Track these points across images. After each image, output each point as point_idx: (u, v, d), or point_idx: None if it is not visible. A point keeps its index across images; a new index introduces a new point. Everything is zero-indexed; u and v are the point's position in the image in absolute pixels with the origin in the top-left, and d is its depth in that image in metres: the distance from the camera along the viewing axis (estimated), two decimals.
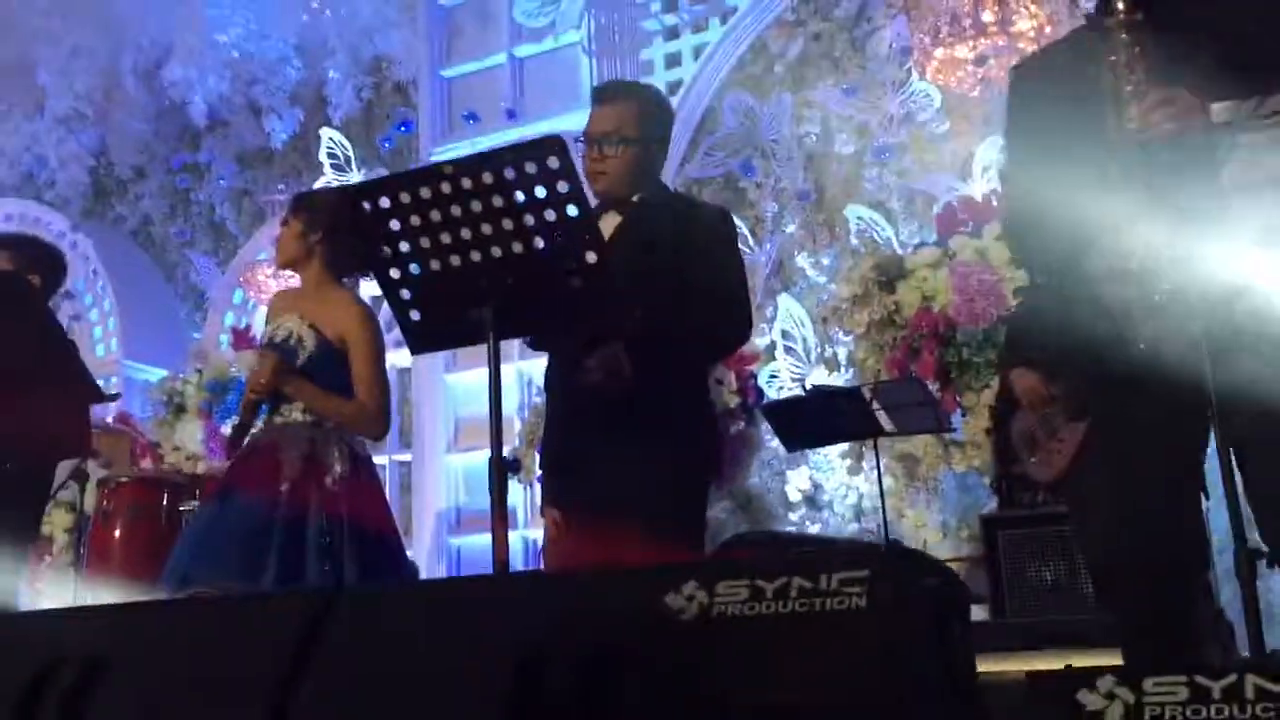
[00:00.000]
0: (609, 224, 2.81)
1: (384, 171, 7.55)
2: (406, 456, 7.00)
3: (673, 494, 2.76)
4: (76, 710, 1.47)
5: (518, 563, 6.06)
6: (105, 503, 4.81)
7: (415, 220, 2.32)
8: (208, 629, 1.53)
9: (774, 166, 6.46)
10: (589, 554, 2.94)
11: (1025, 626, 3.32)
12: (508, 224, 2.27)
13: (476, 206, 2.27)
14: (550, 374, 2.97)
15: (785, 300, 6.22)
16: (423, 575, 6.17)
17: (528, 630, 1.35)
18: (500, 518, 2.29)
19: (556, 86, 6.56)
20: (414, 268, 2.37)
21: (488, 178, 2.25)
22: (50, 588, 6.72)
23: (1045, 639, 3.26)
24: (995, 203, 5.26)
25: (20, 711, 1.40)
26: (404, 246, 2.35)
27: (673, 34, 6.72)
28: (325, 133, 7.65)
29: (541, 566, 5.12)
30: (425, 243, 2.33)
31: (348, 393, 3.21)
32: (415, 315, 2.43)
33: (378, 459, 7.14)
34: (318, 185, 7.63)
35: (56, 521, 6.40)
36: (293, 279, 3.49)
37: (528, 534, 6.00)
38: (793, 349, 6.15)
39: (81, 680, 1.49)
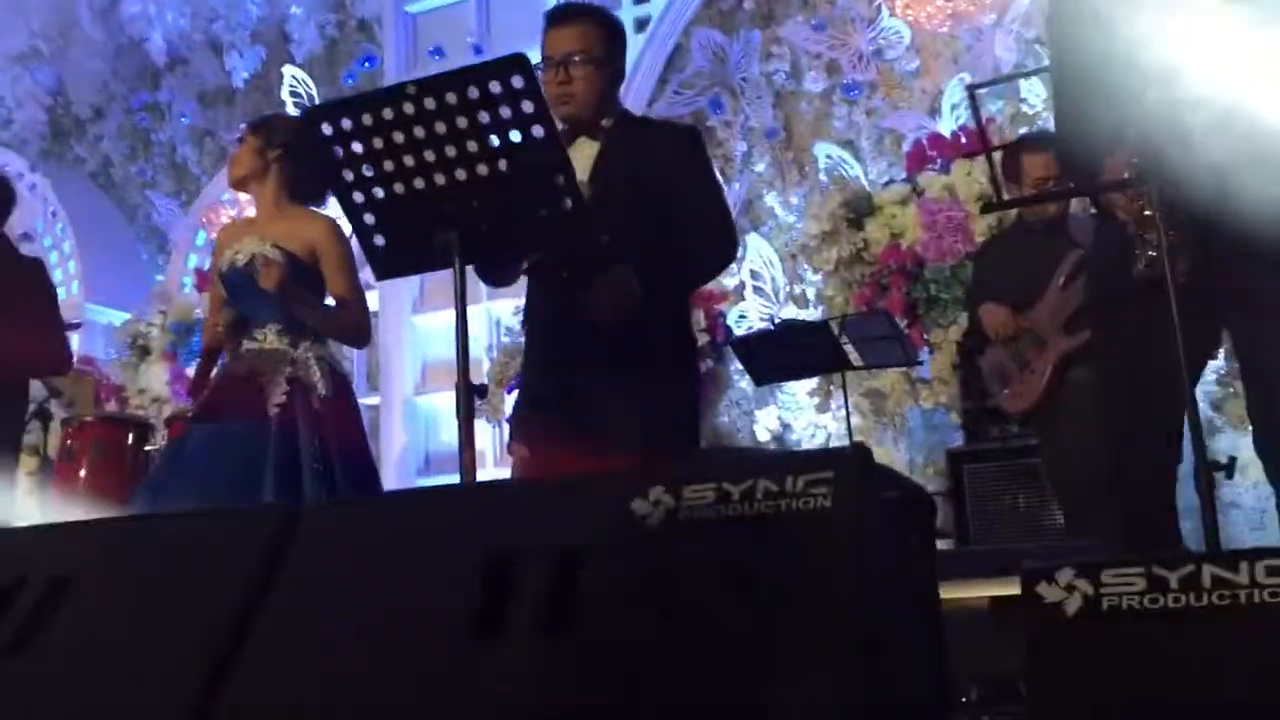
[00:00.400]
0: (584, 152, 2.74)
1: None
2: (375, 400, 6.96)
3: (670, 428, 2.68)
4: (37, 626, 1.46)
5: None
6: (69, 442, 4.75)
7: (378, 143, 2.28)
8: (173, 544, 1.51)
9: (743, 104, 6.42)
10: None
11: (988, 553, 3.35)
12: (472, 146, 2.23)
13: (441, 128, 2.23)
14: (531, 306, 2.90)
15: (754, 240, 6.20)
16: None
17: (494, 537, 1.34)
18: (468, 440, 2.28)
19: (524, 22, 6.43)
20: (378, 192, 2.33)
21: (451, 98, 2.21)
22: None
23: (1009, 567, 3.29)
24: (964, 140, 5.26)
25: None
26: (367, 170, 2.32)
27: None
28: (288, 70, 7.52)
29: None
30: (389, 166, 2.29)
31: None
32: (379, 240, 2.40)
33: None
34: None
35: (22, 463, 6.34)
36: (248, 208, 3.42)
37: (496, 474, 5.99)
38: (761, 289, 6.15)
39: (45, 597, 1.47)
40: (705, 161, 2.86)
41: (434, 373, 6.67)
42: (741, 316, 6.09)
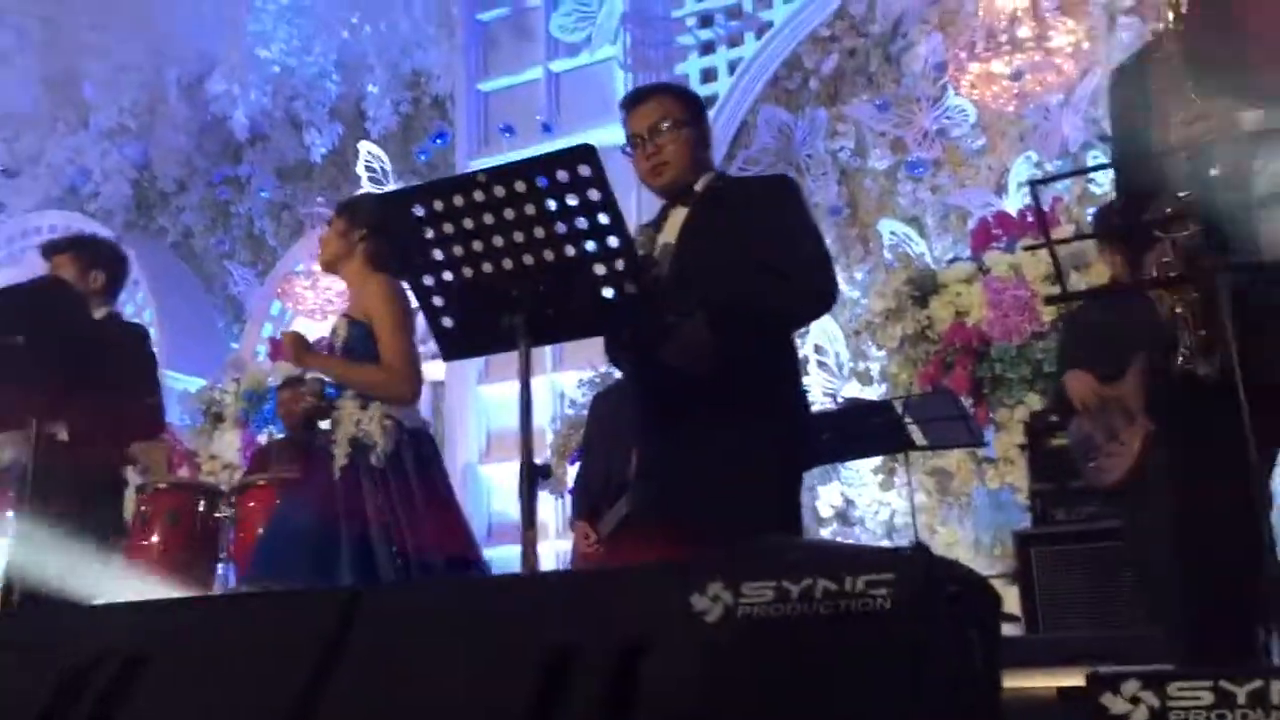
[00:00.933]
0: (678, 219, 2.77)
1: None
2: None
3: (766, 484, 2.58)
4: (110, 706, 1.50)
5: (549, 564, 6.07)
6: (143, 508, 4.87)
7: (448, 228, 2.35)
8: (242, 626, 1.55)
9: (808, 181, 6.46)
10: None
11: (1057, 641, 3.28)
12: (539, 232, 2.29)
13: (509, 214, 2.29)
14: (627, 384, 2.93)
15: None
16: None
17: (555, 628, 1.36)
18: (529, 521, 2.31)
19: (592, 100, 6.60)
20: (447, 275, 2.39)
21: (520, 185, 2.27)
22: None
23: (1078, 654, 3.22)
24: (1029, 218, 5.24)
25: (59, 702, 1.43)
26: (437, 254, 2.38)
27: (708, 49, 6.75)
28: (363, 146, 7.74)
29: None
30: (458, 250, 2.35)
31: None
32: (448, 322, 2.45)
33: None
34: None
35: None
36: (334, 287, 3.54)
37: (558, 545, 6.01)
38: (825, 364, 6.14)
39: (120, 676, 1.51)
40: (797, 206, 2.77)
41: (498, 442, 6.73)
42: (805, 390, 6.07)
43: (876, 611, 1.21)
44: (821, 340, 6.15)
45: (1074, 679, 3.14)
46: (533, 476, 2.30)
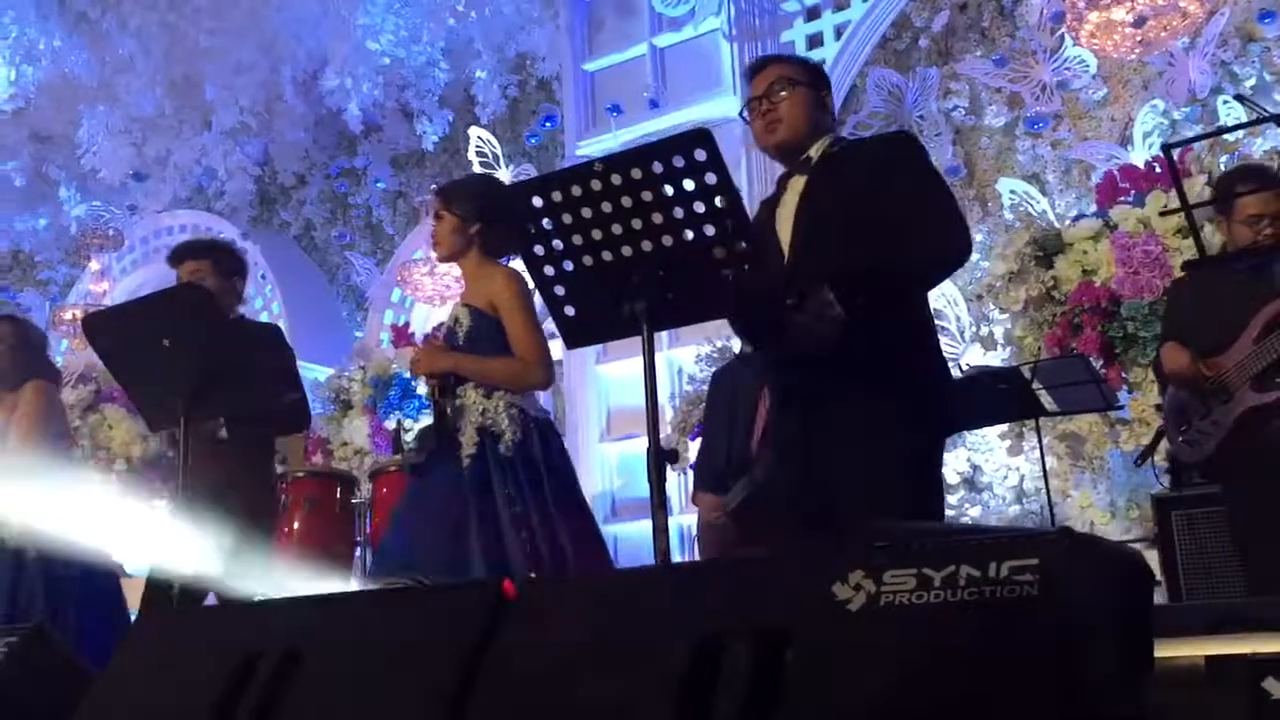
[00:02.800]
0: (796, 189, 2.76)
1: (531, 167, 7.71)
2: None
3: (899, 460, 2.53)
4: (273, 704, 1.56)
5: (674, 551, 6.11)
6: (284, 496, 5.06)
7: (566, 218, 2.37)
8: (394, 620, 1.60)
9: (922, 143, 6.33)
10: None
11: (1202, 608, 3.18)
12: (657, 218, 2.29)
13: (626, 202, 2.30)
14: (760, 370, 2.95)
15: None
16: None
17: (699, 618, 1.37)
18: (660, 506, 2.32)
19: (698, 74, 6.57)
20: (567, 264, 2.42)
21: (636, 173, 2.28)
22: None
23: (1224, 621, 3.12)
24: (1157, 169, 5.05)
25: (227, 701, 1.50)
26: (556, 244, 2.40)
27: (813, 14, 6.65)
28: (474, 132, 7.84)
29: (696, 554, 5.14)
30: (577, 239, 2.38)
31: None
32: (570, 311, 2.48)
33: None
34: None
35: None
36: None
37: (682, 520, 6.04)
38: (945, 329, 6.02)
39: (277, 673, 1.58)
40: (920, 161, 2.71)
41: (618, 420, 6.78)
42: None
43: (1022, 598, 1.20)
44: (941, 305, 6.03)
45: (1220, 647, 3.05)
46: (660, 460, 2.32)
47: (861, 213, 2.59)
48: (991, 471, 5.87)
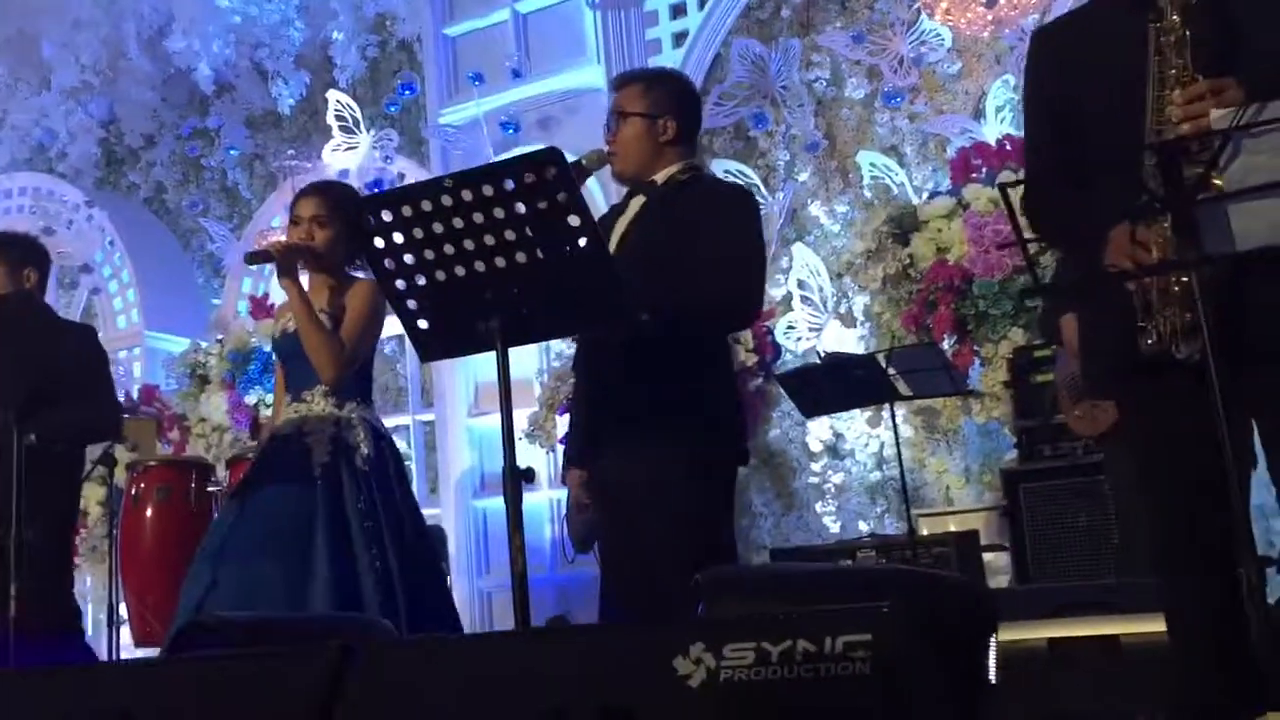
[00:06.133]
0: (635, 207, 2.84)
1: (394, 132, 7.52)
2: (430, 416, 7.07)
3: (693, 482, 2.75)
4: None
5: (542, 525, 6.11)
6: (135, 486, 4.89)
7: (418, 233, 2.32)
8: (231, 685, 1.56)
9: (784, 114, 6.38)
10: (613, 540, 2.98)
11: (1046, 593, 3.33)
12: (510, 235, 2.26)
13: (478, 218, 2.27)
14: (578, 356, 2.99)
15: (800, 250, 6.17)
16: (450, 539, 6.26)
17: (541, 690, 1.37)
18: (516, 524, 2.32)
19: (562, 42, 6.47)
20: (419, 279, 2.37)
21: (487, 189, 2.24)
22: (86, 561, 6.87)
23: (1067, 605, 3.27)
24: (1008, 146, 5.19)
25: None
26: (408, 258, 2.36)
27: None
28: (332, 95, 7.59)
29: (566, 530, 5.16)
30: (429, 254, 2.33)
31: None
32: (423, 324, 2.44)
33: (401, 419, 7.26)
34: (326, 149, 7.60)
35: (90, 495, 6.49)
36: None
37: (552, 495, 6.05)
38: (809, 299, 6.11)
39: None
40: (746, 221, 2.85)
41: (486, 393, 6.72)
42: (790, 328, 6.07)
43: (856, 676, 1.22)
44: (804, 274, 6.12)
45: (1064, 630, 3.20)
46: (517, 480, 2.31)
47: (675, 253, 2.72)
48: (853, 439, 6.01)
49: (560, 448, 5.70)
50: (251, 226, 8.03)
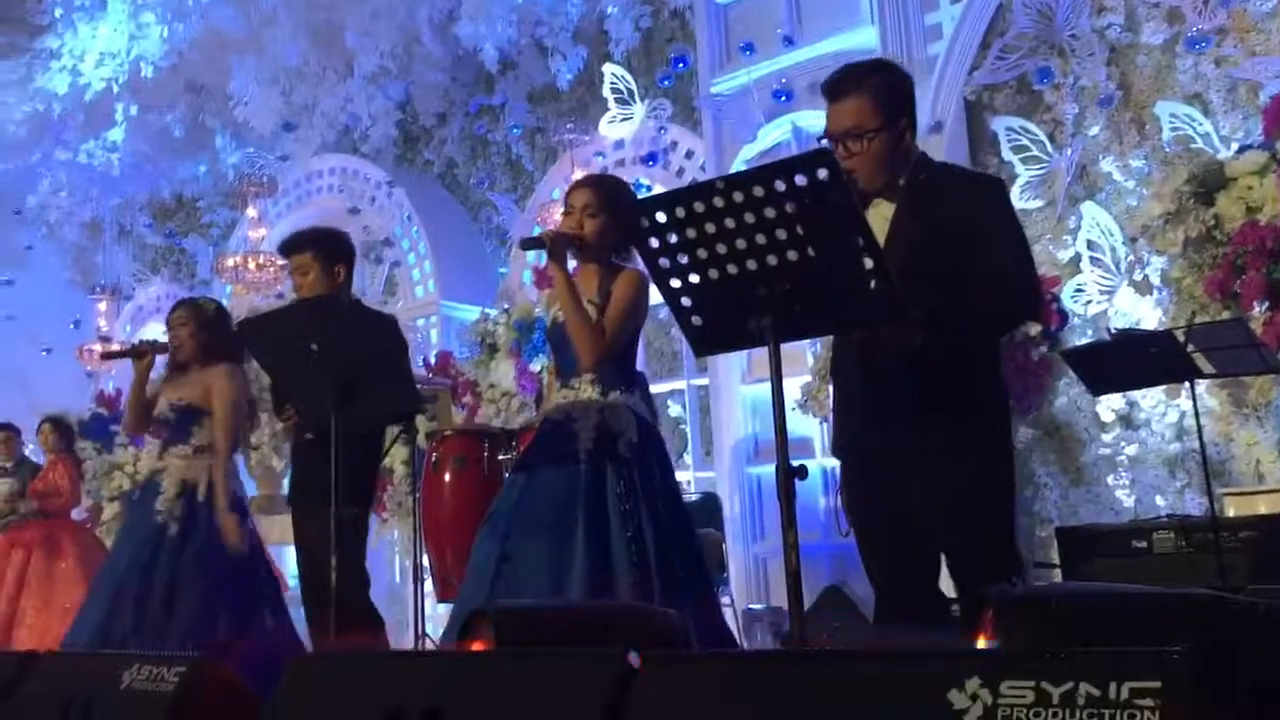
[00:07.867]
0: (881, 213, 2.76)
1: (667, 103, 7.63)
2: (704, 381, 7.19)
3: (980, 482, 2.72)
4: None
5: (816, 495, 6.10)
6: (434, 453, 5.25)
7: (691, 233, 2.36)
8: (531, 679, 1.68)
9: (1072, 65, 6.02)
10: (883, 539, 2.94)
11: None
12: (781, 234, 2.27)
13: (749, 218, 2.28)
14: (837, 357, 2.94)
15: (1090, 208, 5.82)
16: (725, 505, 6.36)
17: (819, 713, 1.39)
18: (789, 520, 2.34)
19: (834, 7, 6.36)
20: (693, 277, 2.42)
21: (758, 190, 2.25)
22: (394, 516, 7.44)
23: None
24: None
25: None
26: (682, 258, 2.40)
27: None
28: (608, 69, 7.79)
29: (840, 502, 5.13)
30: (702, 253, 2.37)
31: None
32: (696, 321, 2.49)
33: (676, 383, 7.42)
34: (603, 121, 7.81)
35: (395, 455, 7.03)
36: None
37: (825, 463, 6.03)
38: (1100, 260, 5.77)
39: None
40: (1005, 211, 2.80)
41: (759, 360, 6.76)
42: (1079, 290, 5.76)
43: None
44: (1094, 234, 5.78)
45: None
46: (790, 479, 2.33)
47: (945, 251, 2.68)
48: (1149, 409, 5.66)
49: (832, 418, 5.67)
50: (534, 199, 8.38)
